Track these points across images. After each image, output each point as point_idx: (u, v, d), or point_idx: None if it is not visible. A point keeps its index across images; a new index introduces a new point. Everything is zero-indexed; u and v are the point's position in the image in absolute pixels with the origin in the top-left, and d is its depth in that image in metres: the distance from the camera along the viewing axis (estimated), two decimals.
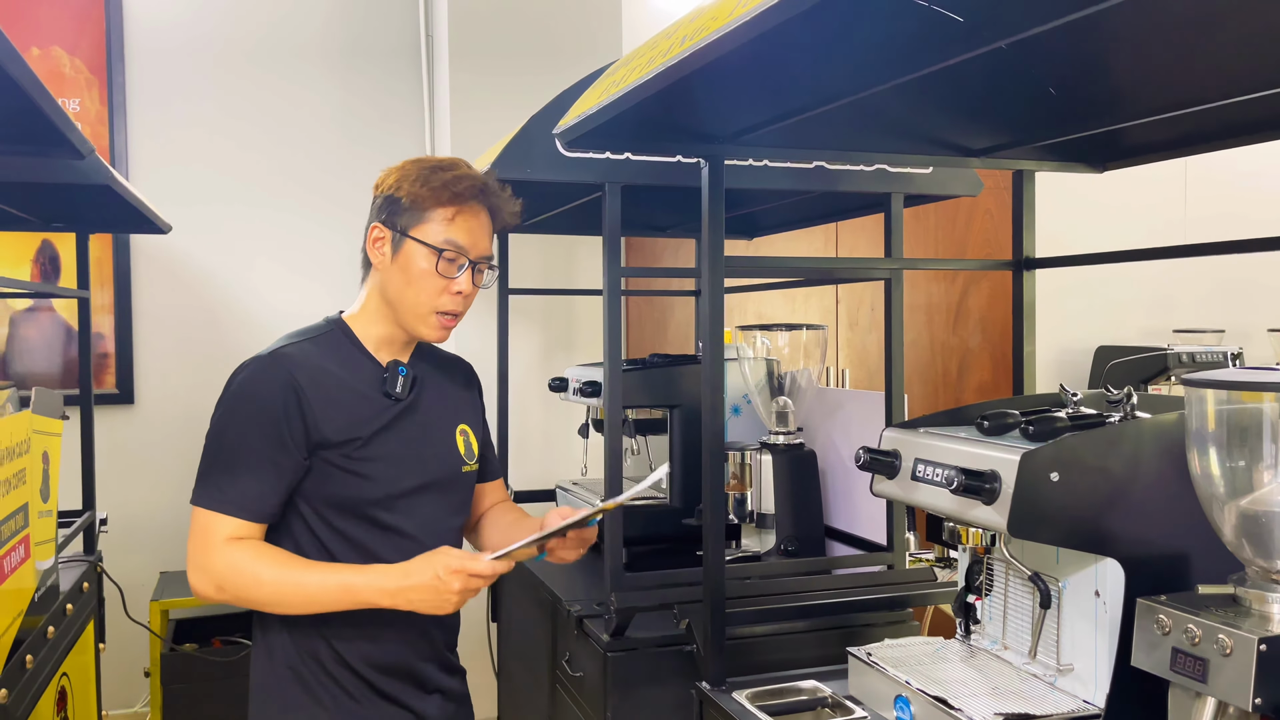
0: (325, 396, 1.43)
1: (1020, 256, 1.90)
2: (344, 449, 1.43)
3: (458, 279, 1.48)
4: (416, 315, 1.49)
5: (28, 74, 1.15)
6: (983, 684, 1.36)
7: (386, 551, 1.46)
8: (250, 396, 1.42)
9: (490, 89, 3.43)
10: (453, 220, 1.46)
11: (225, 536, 1.39)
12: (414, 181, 1.46)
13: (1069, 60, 1.31)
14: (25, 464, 1.95)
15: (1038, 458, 1.21)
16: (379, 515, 1.46)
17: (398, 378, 1.50)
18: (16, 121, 1.36)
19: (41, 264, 3.46)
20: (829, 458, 2.35)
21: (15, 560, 1.89)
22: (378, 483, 1.45)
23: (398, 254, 1.47)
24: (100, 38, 3.45)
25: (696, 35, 1.12)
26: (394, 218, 1.47)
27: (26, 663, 1.91)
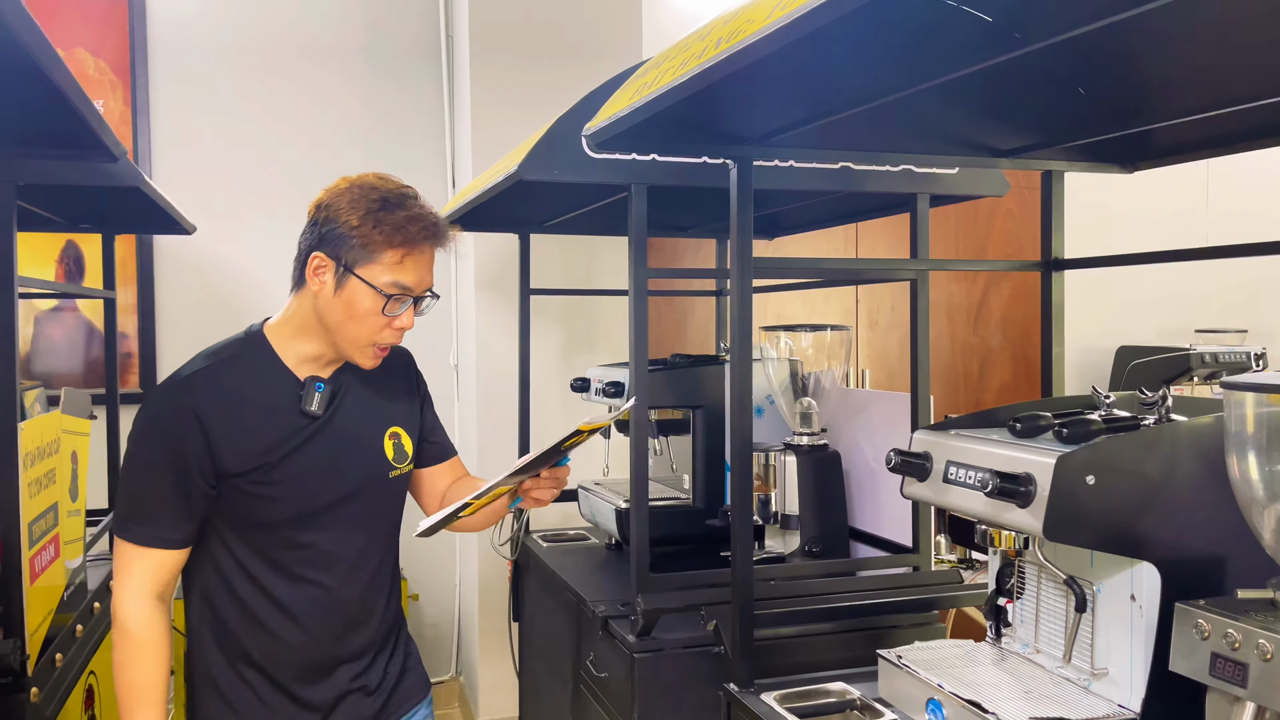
0: (232, 424, 1.43)
1: (1049, 257, 1.89)
2: (252, 475, 1.43)
3: (400, 315, 1.47)
4: (354, 346, 1.47)
5: (69, 79, 1.16)
6: (1015, 687, 1.36)
7: (302, 567, 1.48)
8: (157, 427, 1.42)
9: (511, 89, 3.44)
10: (401, 263, 1.43)
11: (146, 575, 1.41)
12: (364, 218, 1.42)
13: (1099, 61, 1.30)
14: (55, 464, 1.97)
15: (1073, 461, 1.20)
16: (291, 534, 1.47)
17: (314, 395, 1.48)
18: (54, 125, 1.37)
19: (66, 264, 3.48)
20: (853, 459, 2.34)
21: (46, 559, 1.91)
22: (287, 503, 1.45)
23: (340, 289, 1.44)
24: (124, 40, 3.47)
25: (733, 38, 1.12)
26: (339, 251, 1.43)
27: (56, 661, 1.93)
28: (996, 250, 3.81)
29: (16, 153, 1.68)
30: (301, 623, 1.48)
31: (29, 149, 1.58)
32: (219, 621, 1.48)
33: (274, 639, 1.47)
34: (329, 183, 1.41)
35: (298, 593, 1.48)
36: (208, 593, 1.48)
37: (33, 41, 1.03)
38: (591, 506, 2.64)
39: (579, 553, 2.66)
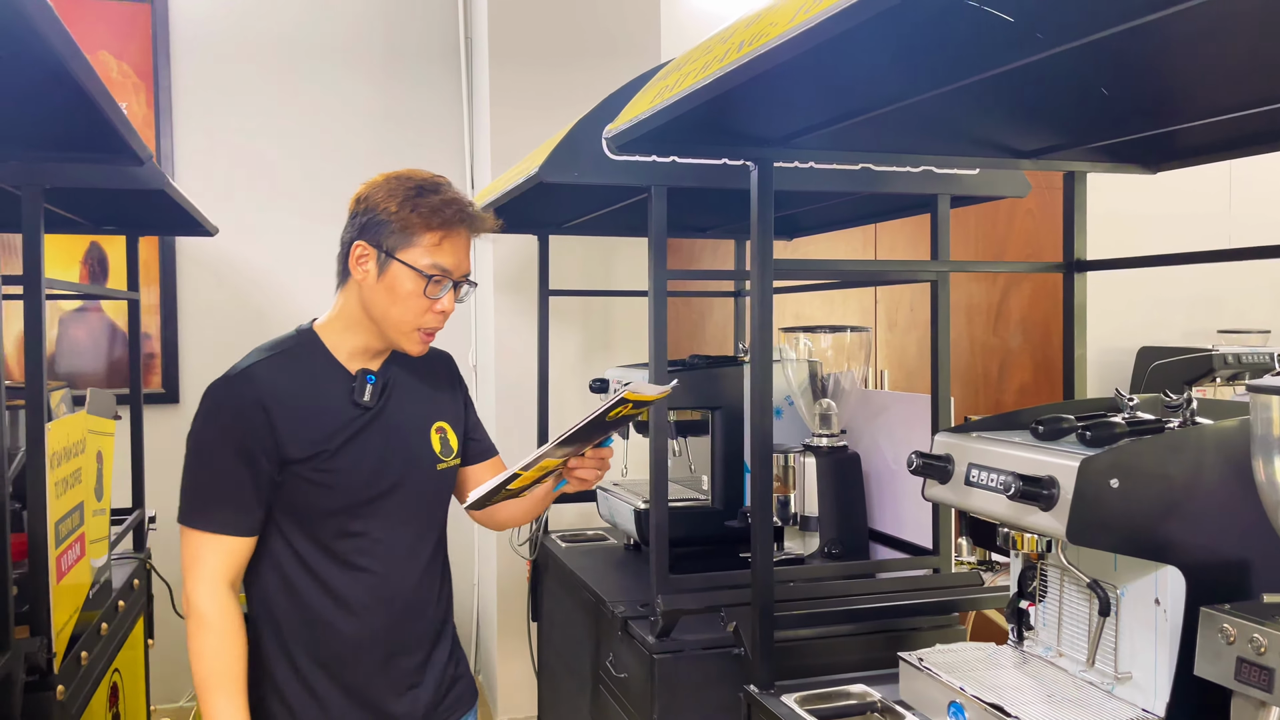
0: (291, 413, 1.47)
1: (1071, 259, 1.88)
2: (311, 463, 1.47)
3: (441, 299, 1.52)
4: (400, 332, 1.53)
5: (98, 84, 1.18)
6: (1038, 691, 1.35)
7: (356, 555, 1.51)
8: (222, 417, 1.46)
9: (529, 90, 3.45)
10: (440, 245, 1.49)
11: (216, 563, 1.44)
12: (402, 204, 1.48)
13: (1122, 61, 1.29)
14: (81, 464, 1.99)
15: (1097, 464, 1.20)
16: (346, 522, 1.51)
17: (365, 386, 1.54)
18: (82, 130, 1.39)
19: (90, 265, 3.52)
20: (873, 460, 2.34)
21: (72, 558, 1.93)
22: (342, 491, 1.49)
23: (383, 274, 1.50)
24: (147, 43, 3.50)
25: (755, 41, 1.12)
26: (379, 238, 1.49)
27: (82, 659, 1.95)
28: (1016, 250, 3.79)
29: (45, 156, 1.70)
30: (356, 611, 1.51)
31: (57, 153, 1.60)
32: (276, 615, 1.51)
33: (329, 629, 1.50)
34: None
35: (351, 581, 1.51)
36: (265, 587, 1.51)
37: (63, 47, 1.04)
38: (610, 507, 2.65)
39: (598, 553, 2.67)
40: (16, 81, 1.20)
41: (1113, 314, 3.77)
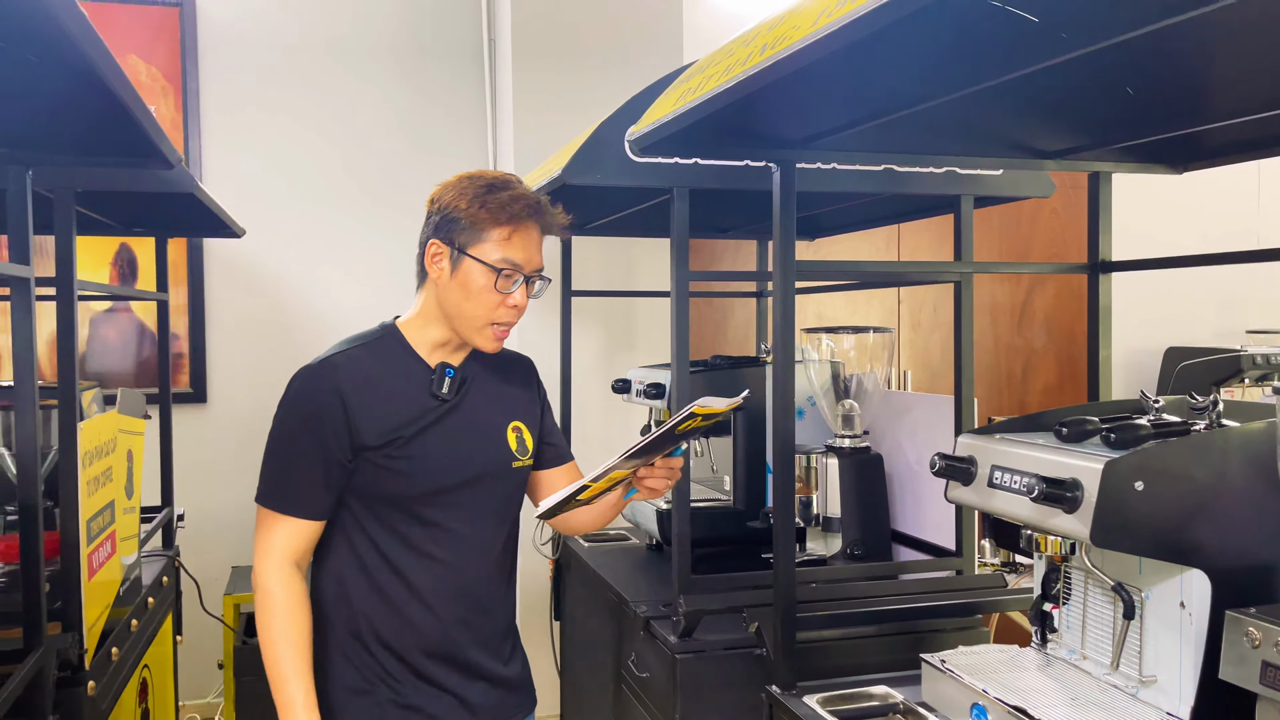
0: (368, 401, 1.51)
1: (1096, 259, 1.87)
2: (386, 449, 1.50)
3: (513, 294, 1.55)
4: (473, 328, 1.56)
5: (129, 89, 1.19)
6: (1062, 694, 1.35)
7: (429, 544, 1.54)
8: (300, 403, 1.51)
9: (551, 91, 3.46)
10: (509, 239, 1.52)
11: (286, 543, 1.49)
12: (471, 201, 1.52)
13: (1148, 61, 1.28)
14: (111, 462, 2.02)
15: (1121, 466, 1.19)
16: (421, 510, 1.53)
17: (444, 379, 1.57)
18: (113, 134, 1.41)
19: (120, 266, 3.56)
20: (895, 461, 2.33)
21: (103, 555, 1.96)
22: (417, 480, 1.52)
23: (456, 270, 1.53)
24: (175, 47, 3.54)
25: (778, 44, 1.13)
26: (452, 235, 1.53)
27: (112, 655, 1.98)
28: (1041, 250, 3.77)
29: (76, 160, 1.73)
30: (428, 600, 1.53)
31: (88, 156, 1.63)
32: (349, 598, 1.54)
33: (400, 616, 1.52)
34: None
35: (424, 569, 1.54)
36: (339, 570, 1.54)
37: (94, 51, 1.06)
38: (632, 507, 2.65)
39: (620, 553, 2.68)
40: (48, 86, 1.22)
41: (1140, 314, 3.74)
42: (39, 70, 1.15)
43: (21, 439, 1.60)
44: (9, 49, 1.09)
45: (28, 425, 1.60)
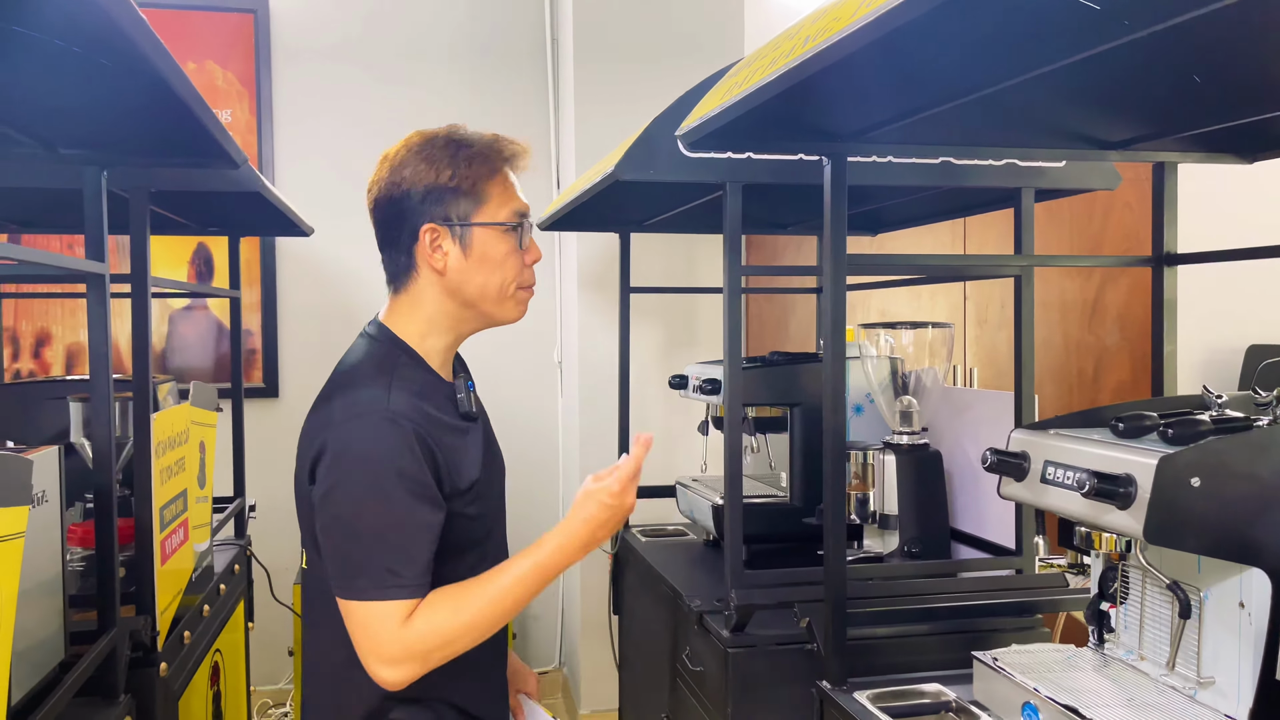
0: (443, 442, 1.31)
1: (1160, 252, 1.82)
2: (469, 494, 1.33)
3: (531, 247, 1.39)
4: (503, 301, 1.39)
5: (194, 94, 1.24)
6: (1117, 694, 1.32)
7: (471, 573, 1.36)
8: (390, 463, 1.25)
9: (613, 88, 3.48)
10: (506, 188, 1.37)
11: (404, 619, 1.24)
12: (448, 165, 1.33)
13: (1215, 46, 1.25)
14: (184, 453, 2.10)
15: (1177, 462, 1.16)
16: (484, 551, 1.39)
17: (469, 395, 1.40)
18: (181, 136, 1.47)
19: (197, 265, 3.69)
20: (955, 459, 2.30)
21: (175, 542, 2.03)
22: (486, 518, 1.38)
23: (469, 248, 1.35)
24: (250, 52, 3.66)
25: (819, 36, 1.13)
26: (446, 211, 1.34)
27: (184, 638, 2.05)
28: (1112, 245, 3.66)
29: (150, 162, 1.80)
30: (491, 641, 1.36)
31: (161, 158, 1.70)
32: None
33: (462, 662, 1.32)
34: None
35: None
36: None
37: (158, 58, 1.11)
38: (689, 502, 2.66)
39: (677, 548, 2.69)
40: (121, 90, 1.28)
41: (1221, 311, 3.61)
42: (113, 75, 1.20)
43: (97, 429, 1.67)
44: (85, 55, 1.14)
45: (103, 416, 1.67)
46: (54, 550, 1.49)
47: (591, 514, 1.32)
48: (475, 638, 1.29)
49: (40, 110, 1.43)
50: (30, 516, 1.22)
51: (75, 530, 1.87)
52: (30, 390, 2.39)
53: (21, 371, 3.52)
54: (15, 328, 3.52)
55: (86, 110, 1.43)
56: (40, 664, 1.43)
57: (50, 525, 1.47)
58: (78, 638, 1.58)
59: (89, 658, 1.52)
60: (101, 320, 1.65)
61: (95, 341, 1.66)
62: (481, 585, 1.29)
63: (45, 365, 3.56)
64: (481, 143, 1.35)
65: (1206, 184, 2.48)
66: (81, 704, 1.59)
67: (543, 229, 3.04)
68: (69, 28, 1.05)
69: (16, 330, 3.52)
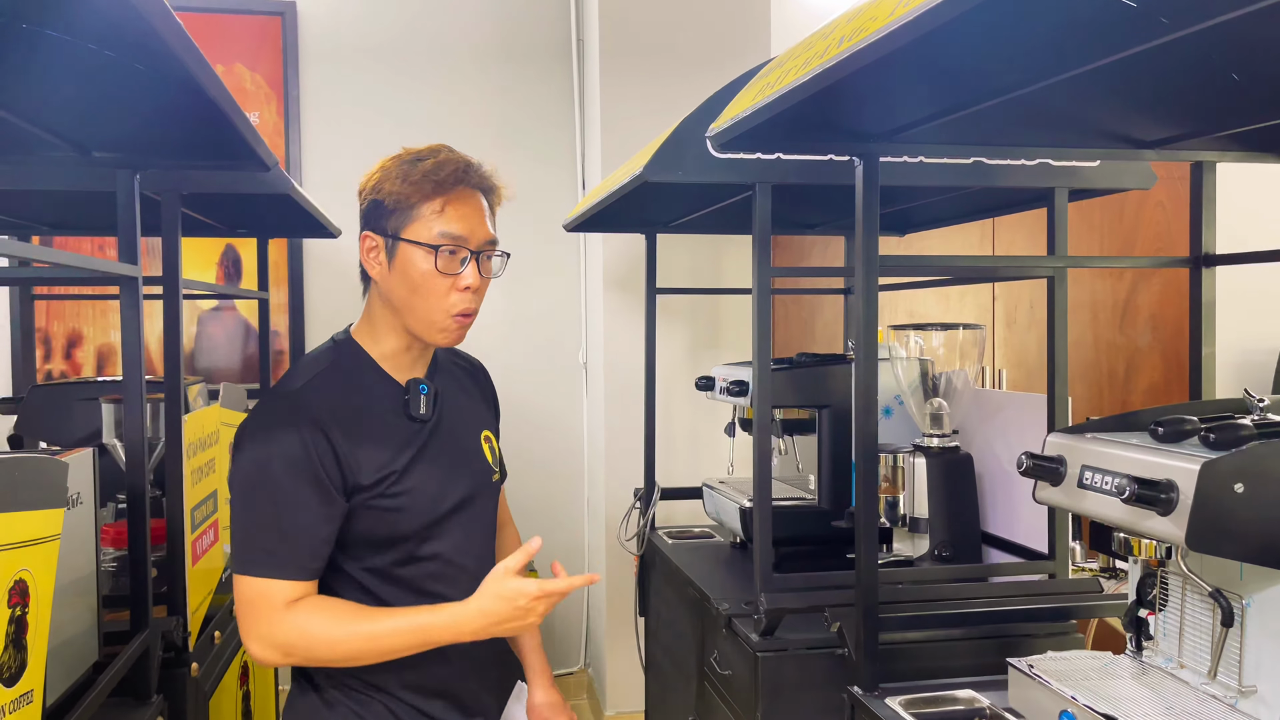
0: (354, 435, 1.34)
1: (1198, 253, 1.79)
2: (380, 487, 1.35)
3: (463, 273, 1.38)
4: (428, 321, 1.39)
5: (227, 98, 1.25)
6: (1156, 703, 1.30)
7: (426, 581, 1.41)
8: (278, 445, 1.30)
9: (639, 90, 3.48)
10: (442, 211, 1.37)
11: (283, 601, 1.30)
12: (394, 179, 1.37)
13: (1254, 44, 1.22)
14: (215, 454, 2.11)
15: (1220, 467, 1.14)
16: (416, 547, 1.39)
17: (419, 398, 1.41)
18: (214, 139, 1.48)
19: (225, 267, 3.72)
20: (986, 461, 2.27)
21: (206, 543, 2.04)
22: (413, 514, 1.37)
23: (394, 260, 1.38)
24: (278, 54, 3.68)
25: (855, 36, 1.11)
26: (381, 221, 1.38)
27: (215, 638, 2.07)
28: (1145, 245, 3.62)
29: (182, 165, 1.81)
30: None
31: (193, 161, 1.71)
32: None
33: (405, 663, 1.37)
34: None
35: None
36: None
37: (194, 63, 1.11)
38: (716, 504, 2.65)
39: (704, 549, 2.68)
40: (155, 94, 1.28)
41: (1256, 312, 3.56)
42: (147, 80, 1.21)
43: (130, 431, 1.69)
44: (120, 59, 1.15)
45: (136, 418, 1.68)
46: (88, 551, 1.50)
47: (494, 609, 1.33)
48: (341, 659, 1.33)
49: (74, 114, 1.44)
50: (65, 518, 1.23)
51: (108, 531, 1.89)
52: (63, 391, 2.42)
53: (53, 372, 3.56)
54: (47, 328, 3.56)
55: (120, 114, 1.44)
56: (75, 665, 1.45)
57: (85, 526, 1.48)
58: (111, 638, 1.59)
59: (122, 658, 1.53)
60: (134, 322, 1.66)
61: (128, 344, 1.67)
62: (365, 616, 1.33)
63: (76, 366, 3.59)
64: (433, 163, 1.38)
65: (1241, 184, 2.44)
66: (114, 704, 1.60)
67: (569, 230, 3.03)
68: (105, 33, 1.06)
69: (49, 331, 3.56)
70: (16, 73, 1.21)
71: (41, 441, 2.27)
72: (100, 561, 1.54)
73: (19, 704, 1.09)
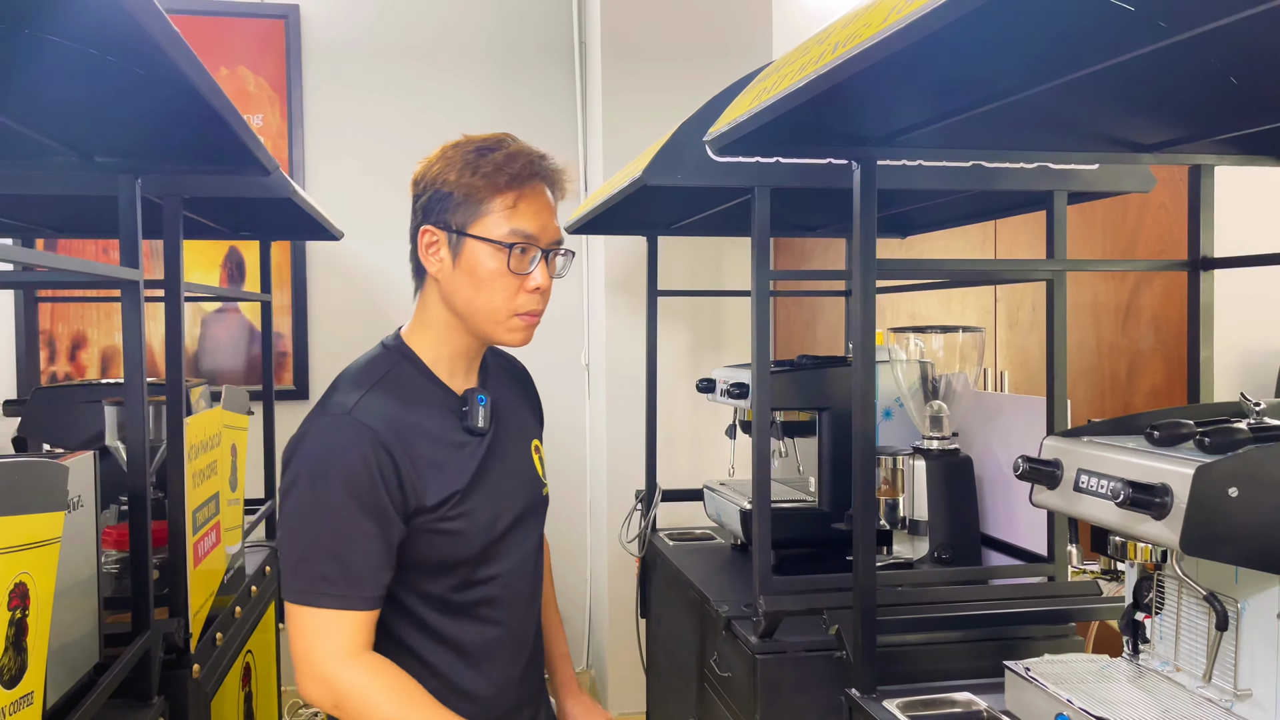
0: (418, 453, 1.25)
1: (1196, 256, 1.79)
2: (441, 509, 1.27)
3: (533, 273, 1.30)
4: (494, 322, 1.31)
5: (226, 104, 1.26)
6: (1151, 706, 1.30)
7: (482, 607, 1.34)
8: (339, 466, 1.22)
9: (641, 92, 3.49)
10: (515, 207, 1.28)
11: (345, 641, 1.21)
12: (462, 170, 1.28)
13: (1254, 48, 1.22)
14: (216, 456, 2.12)
15: (1215, 471, 1.14)
16: (473, 571, 1.31)
17: (478, 409, 1.32)
18: (214, 144, 1.48)
19: (229, 269, 3.73)
20: (986, 464, 2.28)
21: (208, 545, 2.05)
22: (472, 537, 1.29)
23: (459, 257, 1.29)
24: (281, 57, 3.69)
25: (850, 42, 1.12)
26: (444, 215, 1.29)
27: (217, 640, 2.07)
28: (1147, 248, 3.61)
29: (183, 169, 1.82)
30: (486, 670, 1.33)
31: (194, 166, 1.72)
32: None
33: (453, 689, 1.30)
34: None
35: (476, 632, 1.32)
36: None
37: (192, 71, 1.12)
38: (717, 506, 2.66)
39: (704, 552, 2.68)
40: (156, 99, 1.29)
41: (1259, 315, 3.55)
42: (147, 84, 1.22)
43: (132, 434, 1.69)
44: (120, 64, 1.16)
45: (138, 421, 1.69)
46: (89, 554, 1.51)
47: None
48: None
49: (76, 119, 1.45)
50: (66, 521, 1.24)
51: (110, 533, 1.90)
52: (66, 393, 2.43)
53: (58, 374, 3.57)
54: (52, 331, 3.57)
55: (121, 119, 1.45)
56: (76, 667, 1.45)
57: (86, 529, 1.49)
58: (113, 639, 1.60)
59: (123, 660, 1.54)
60: (136, 326, 1.67)
61: (130, 347, 1.67)
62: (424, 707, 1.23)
63: (81, 368, 3.61)
64: (505, 155, 1.29)
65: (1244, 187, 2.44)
66: (116, 706, 1.60)
67: (571, 232, 3.04)
68: (103, 37, 1.07)
69: (53, 333, 3.58)
70: (18, 78, 1.22)
71: (45, 444, 2.28)
72: (102, 564, 1.55)
73: (19, 706, 1.10)
